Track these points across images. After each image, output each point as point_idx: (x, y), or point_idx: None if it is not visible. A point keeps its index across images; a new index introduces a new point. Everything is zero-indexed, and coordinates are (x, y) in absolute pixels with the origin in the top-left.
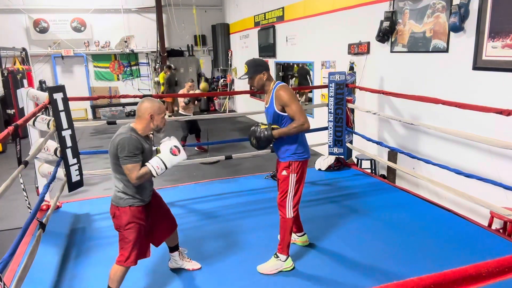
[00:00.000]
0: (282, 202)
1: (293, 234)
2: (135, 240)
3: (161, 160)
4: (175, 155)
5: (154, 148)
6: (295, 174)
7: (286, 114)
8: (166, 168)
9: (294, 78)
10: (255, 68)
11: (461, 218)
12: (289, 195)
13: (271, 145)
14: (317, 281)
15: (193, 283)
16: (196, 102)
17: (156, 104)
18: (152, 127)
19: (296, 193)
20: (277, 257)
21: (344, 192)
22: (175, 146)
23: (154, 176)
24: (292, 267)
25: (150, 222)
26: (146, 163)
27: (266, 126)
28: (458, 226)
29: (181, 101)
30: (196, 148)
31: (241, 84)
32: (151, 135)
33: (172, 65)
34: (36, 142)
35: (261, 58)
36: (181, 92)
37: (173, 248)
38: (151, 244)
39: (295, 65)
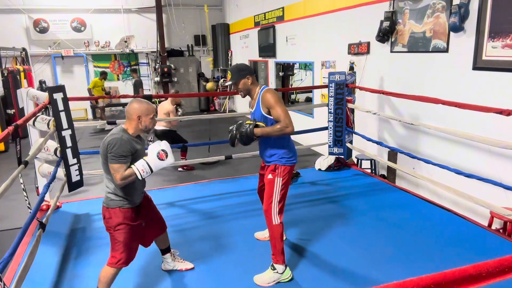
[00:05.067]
0: (268, 208)
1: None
2: (126, 241)
3: (147, 163)
4: (162, 159)
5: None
6: (281, 179)
7: (271, 117)
8: (151, 171)
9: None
10: (239, 73)
11: (461, 218)
12: (274, 200)
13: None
14: (316, 281)
15: (186, 283)
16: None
17: (144, 105)
18: (141, 127)
19: (281, 199)
20: (274, 268)
21: (344, 192)
22: (163, 150)
23: (139, 179)
24: (290, 278)
25: (141, 223)
26: (132, 165)
27: (251, 122)
28: (458, 226)
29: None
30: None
31: None
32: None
33: (136, 67)
34: (36, 142)
35: (244, 63)
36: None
37: (165, 250)
38: (140, 245)
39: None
